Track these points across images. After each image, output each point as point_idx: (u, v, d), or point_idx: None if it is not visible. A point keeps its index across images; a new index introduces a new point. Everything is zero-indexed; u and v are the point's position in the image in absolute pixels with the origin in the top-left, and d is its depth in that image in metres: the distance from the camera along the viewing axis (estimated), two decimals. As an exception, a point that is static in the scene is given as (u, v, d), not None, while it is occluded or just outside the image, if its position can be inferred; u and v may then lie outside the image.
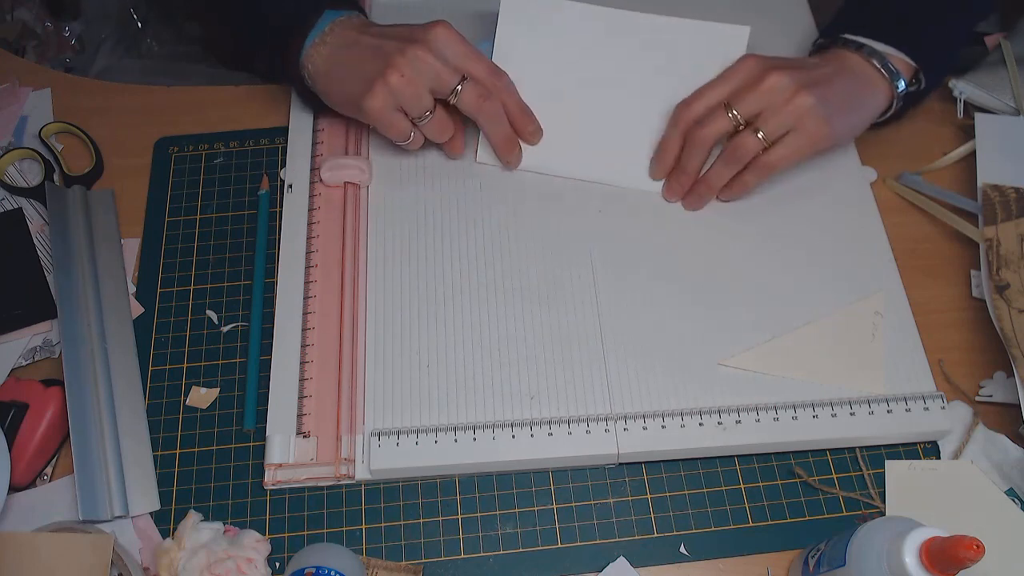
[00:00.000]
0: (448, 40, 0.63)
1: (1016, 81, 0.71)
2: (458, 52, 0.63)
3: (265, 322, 0.63)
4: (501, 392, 0.60)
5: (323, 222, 0.67)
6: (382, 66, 0.61)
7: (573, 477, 0.58)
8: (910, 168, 0.70)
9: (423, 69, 0.62)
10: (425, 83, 0.62)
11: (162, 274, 0.66)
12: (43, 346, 0.63)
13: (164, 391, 0.62)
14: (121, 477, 0.57)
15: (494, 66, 0.65)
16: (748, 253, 0.66)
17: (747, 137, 0.62)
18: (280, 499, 0.58)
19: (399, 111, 0.63)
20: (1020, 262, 0.63)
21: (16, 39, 0.87)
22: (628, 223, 0.67)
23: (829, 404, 0.59)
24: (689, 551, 0.56)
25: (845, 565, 0.46)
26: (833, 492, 0.58)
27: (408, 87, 0.62)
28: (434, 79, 0.62)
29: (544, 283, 0.64)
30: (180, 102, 0.75)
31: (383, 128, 0.64)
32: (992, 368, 0.62)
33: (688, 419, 0.58)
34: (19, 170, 0.72)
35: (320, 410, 0.60)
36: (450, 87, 0.62)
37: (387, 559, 0.56)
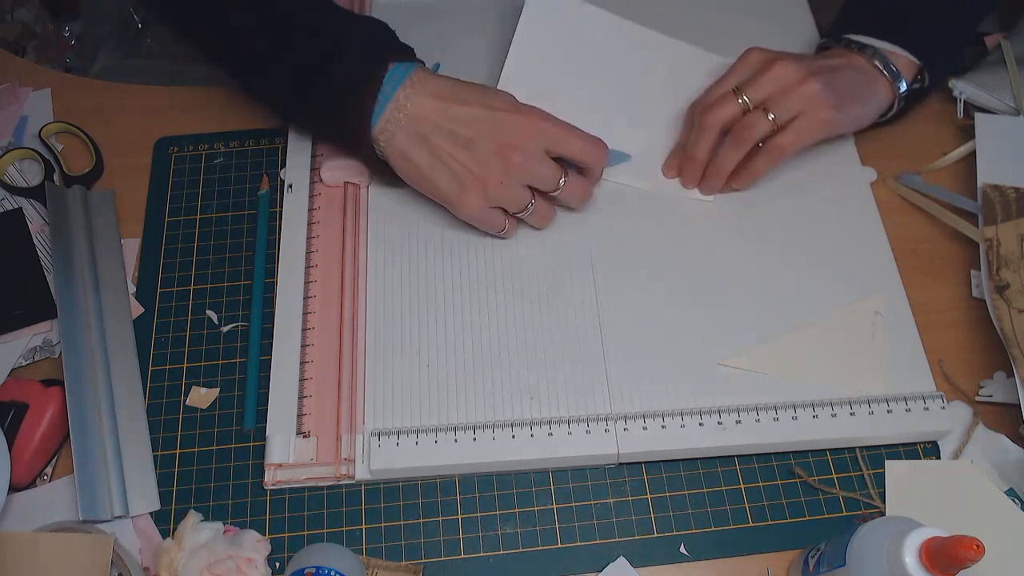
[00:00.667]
0: (544, 132, 0.59)
1: (1016, 81, 0.71)
2: (555, 140, 0.60)
3: (265, 322, 0.63)
4: (501, 392, 0.60)
5: (323, 222, 0.67)
6: (479, 170, 0.59)
7: (573, 477, 0.58)
8: (910, 168, 0.70)
9: (523, 175, 0.60)
10: (525, 183, 0.61)
11: (162, 274, 0.66)
12: (43, 346, 0.63)
13: (164, 391, 0.62)
14: (121, 477, 0.57)
15: (591, 140, 0.61)
16: (748, 253, 0.66)
17: (756, 117, 0.63)
18: (280, 499, 0.58)
19: (496, 210, 0.62)
20: (1020, 262, 0.63)
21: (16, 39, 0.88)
22: (628, 223, 0.67)
23: (829, 404, 0.59)
24: (689, 551, 0.56)
25: (845, 565, 0.46)
26: (833, 492, 0.58)
27: (507, 192, 0.60)
28: (535, 181, 0.61)
29: (544, 283, 0.64)
30: (180, 102, 0.75)
31: (480, 226, 0.63)
32: (992, 368, 0.62)
33: (688, 419, 0.58)
34: (19, 170, 0.72)
35: (320, 410, 0.60)
36: (555, 186, 0.61)
37: (387, 559, 0.56)
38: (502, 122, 0.59)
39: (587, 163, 0.62)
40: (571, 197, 0.63)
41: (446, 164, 0.60)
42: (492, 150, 0.59)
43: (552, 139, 0.60)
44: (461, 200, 0.61)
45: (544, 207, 0.64)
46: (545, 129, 0.60)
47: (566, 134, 0.61)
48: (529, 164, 0.60)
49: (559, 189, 0.62)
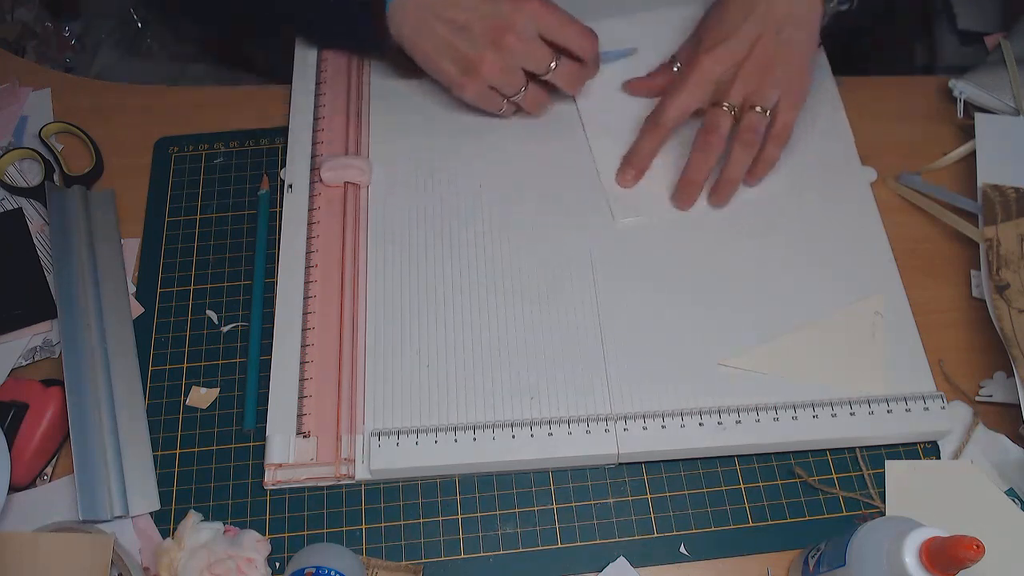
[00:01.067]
0: (538, 16, 0.62)
1: (1016, 81, 0.71)
2: (549, 25, 0.63)
3: (265, 322, 0.63)
4: (501, 392, 0.60)
5: (323, 222, 0.67)
6: (474, 55, 0.62)
7: (573, 477, 0.58)
8: (910, 168, 0.70)
9: (515, 56, 0.63)
10: (518, 66, 0.64)
11: (162, 274, 0.66)
12: (43, 346, 0.63)
13: (164, 391, 0.62)
14: (121, 477, 0.57)
15: (585, 31, 0.64)
16: (748, 253, 0.66)
17: (755, 116, 0.64)
18: (280, 499, 0.58)
19: (493, 92, 0.65)
20: (1020, 262, 0.63)
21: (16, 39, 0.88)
22: (628, 223, 0.67)
23: (829, 404, 0.59)
24: (689, 551, 0.56)
25: (845, 565, 0.46)
26: (833, 492, 0.58)
27: (501, 74, 0.64)
28: (527, 61, 0.64)
29: (544, 283, 0.64)
30: (180, 102, 0.75)
31: (479, 106, 0.67)
32: (992, 368, 0.62)
33: (688, 419, 0.58)
34: (19, 170, 0.72)
35: (320, 410, 0.60)
36: (546, 68, 0.64)
37: (387, 559, 0.56)
38: (498, 5, 0.62)
39: (577, 51, 0.64)
40: (563, 80, 0.66)
41: (445, 50, 0.63)
42: (486, 33, 0.62)
43: (545, 23, 0.62)
44: (460, 85, 0.65)
45: (536, 91, 0.66)
46: (539, 13, 0.62)
47: (559, 20, 0.63)
48: (522, 45, 0.62)
49: (550, 72, 0.64)
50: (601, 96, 0.73)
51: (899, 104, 0.74)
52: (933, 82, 0.76)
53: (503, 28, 0.62)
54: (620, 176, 0.68)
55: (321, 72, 0.74)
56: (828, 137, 0.71)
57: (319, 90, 0.73)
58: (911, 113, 0.74)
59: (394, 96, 0.73)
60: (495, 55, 0.62)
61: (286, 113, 0.73)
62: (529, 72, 0.65)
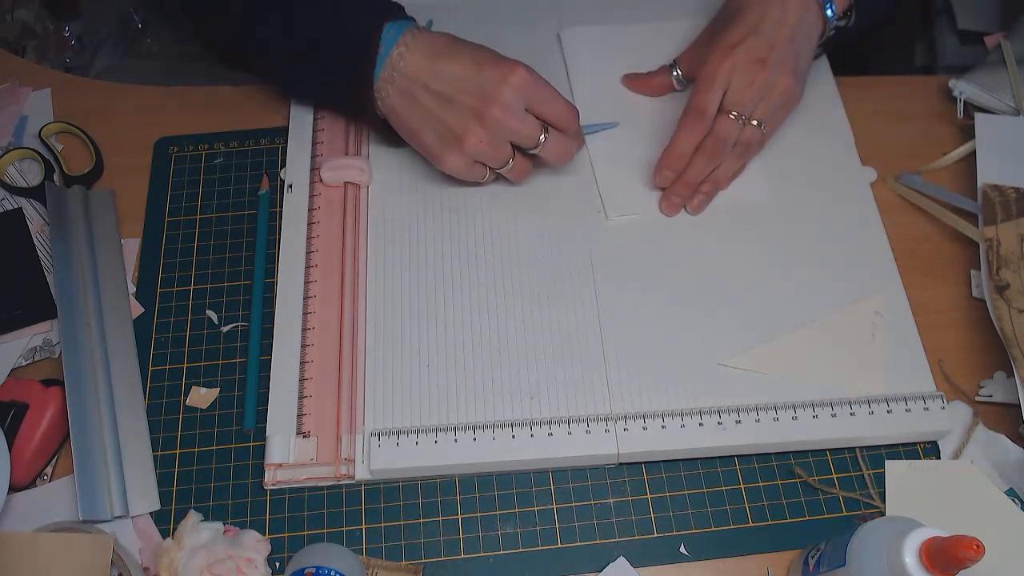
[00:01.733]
0: (526, 87, 0.60)
1: (1016, 81, 0.71)
2: (534, 97, 0.61)
3: (265, 322, 0.63)
4: (501, 392, 0.60)
5: (323, 222, 0.67)
6: (459, 128, 0.61)
7: (573, 477, 0.58)
8: (910, 168, 0.70)
9: (502, 131, 0.61)
10: (505, 139, 0.62)
11: (162, 274, 0.66)
12: (43, 346, 0.63)
13: (164, 391, 0.62)
14: (121, 477, 0.57)
15: (568, 106, 0.62)
16: (748, 253, 0.66)
17: (754, 131, 0.65)
18: (280, 499, 0.58)
19: (477, 164, 0.64)
20: (1020, 262, 0.63)
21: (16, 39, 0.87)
22: (628, 223, 0.67)
23: (829, 404, 0.59)
24: (689, 551, 0.56)
25: (845, 565, 0.46)
26: (833, 492, 0.58)
27: (488, 149, 0.62)
28: (515, 136, 0.62)
29: (544, 283, 0.64)
30: (180, 102, 0.75)
31: (461, 178, 0.65)
32: (992, 368, 0.62)
33: (688, 419, 0.58)
34: (19, 170, 0.72)
35: (320, 410, 0.60)
36: (535, 142, 0.62)
37: (387, 559, 0.56)
38: (483, 77, 0.60)
39: (560, 126, 0.63)
40: (553, 154, 0.64)
41: (430, 122, 0.62)
42: (471, 106, 0.60)
43: (531, 96, 0.61)
44: (443, 157, 0.63)
45: (522, 163, 0.65)
46: (525, 85, 0.60)
47: (545, 94, 0.61)
48: (507, 119, 0.60)
49: (539, 146, 0.63)
50: (597, 93, 0.73)
51: (899, 104, 0.74)
52: (933, 82, 0.76)
53: (488, 101, 0.60)
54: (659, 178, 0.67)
55: (321, 72, 0.74)
56: (828, 137, 0.71)
57: (319, 90, 0.73)
58: (911, 113, 0.74)
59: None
60: (480, 128, 0.61)
61: (286, 113, 0.73)
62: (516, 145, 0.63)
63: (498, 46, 0.75)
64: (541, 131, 0.62)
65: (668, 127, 0.67)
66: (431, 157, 0.64)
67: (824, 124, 0.72)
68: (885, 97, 0.75)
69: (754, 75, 0.63)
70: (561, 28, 0.77)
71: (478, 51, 0.62)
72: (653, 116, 0.72)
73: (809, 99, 0.70)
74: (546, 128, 0.62)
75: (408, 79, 0.61)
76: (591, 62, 0.75)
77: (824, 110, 0.72)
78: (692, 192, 0.67)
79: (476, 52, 0.62)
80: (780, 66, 0.64)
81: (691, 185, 0.66)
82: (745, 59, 0.63)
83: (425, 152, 0.64)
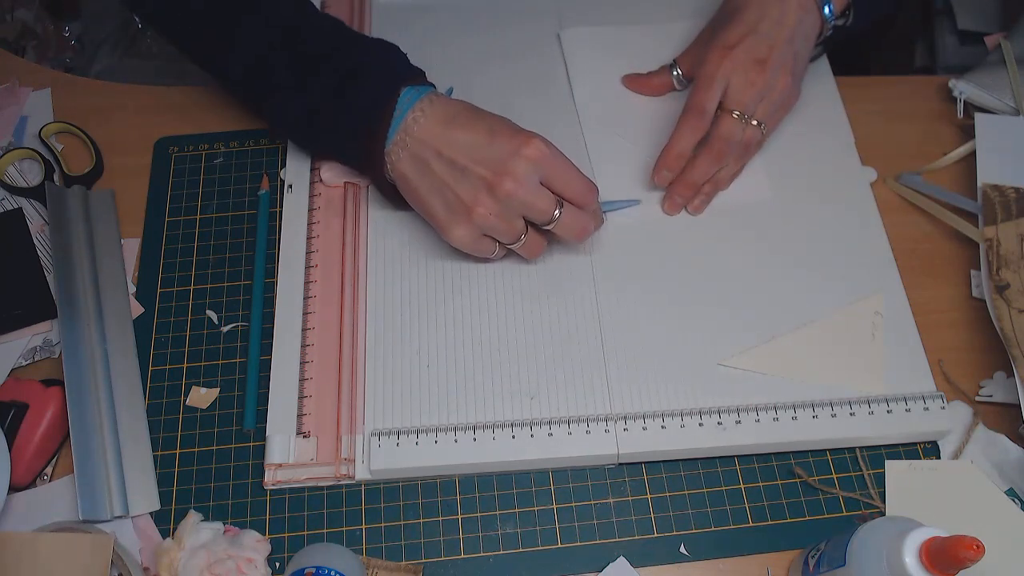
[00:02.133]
0: (539, 163, 0.57)
1: (1016, 81, 0.71)
2: (549, 171, 0.58)
3: (265, 322, 0.63)
4: (501, 392, 0.60)
5: (323, 222, 0.67)
6: (469, 199, 0.58)
7: (573, 477, 0.58)
8: (910, 168, 0.70)
9: (514, 205, 0.58)
10: (517, 214, 0.59)
11: (162, 274, 0.66)
12: (43, 346, 0.63)
13: (164, 391, 0.62)
14: (121, 477, 0.57)
15: (585, 181, 0.60)
16: (748, 253, 0.66)
17: (754, 131, 0.65)
18: (280, 499, 0.58)
19: (486, 238, 0.61)
20: (1020, 262, 0.63)
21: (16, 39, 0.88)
22: (628, 223, 0.67)
23: (829, 404, 0.59)
24: (689, 551, 0.56)
25: (845, 565, 0.46)
26: (833, 492, 0.58)
27: (499, 222, 0.59)
28: (528, 210, 0.59)
29: (544, 283, 0.64)
30: (180, 102, 0.75)
31: (468, 251, 0.62)
32: (992, 368, 0.62)
33: (688, 419, 0.58)
34: (19, 170, 0.72)
35: (320, 410, 0.60)
36: (549, 217, 0.59)
37: (387, 559, 0.56)
38: (497, 148, 0.58)
39: (577, 202, 0.60)
40: (568, 231, 0.60)
41: (440, 191, 0.59)
42: (483, 177, 0.57)
43: (547, 170, 0.58)
44: (450, 228, 0.60)
45: (535, 239, 0.62)
46: (541, 158, 0.57)
47: (561, 168, 0.58)
48: (520, 192, 0.57)
49: (554, 222, 0.59)
50: (597, 93, 0.73)
51: (899, 104, 0.75)
52: (933, 82, 0.76)
53: (501, 173, 0.57)
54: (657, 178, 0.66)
55: (321, 72, 0.74)
56: (828, 137, 0.71)
57: (319, 90, 0.73)
58: (911, 113, 0.74)
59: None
60: (491, 201, 0.58)
61: (286, 113, 0.73)
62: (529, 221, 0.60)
63: (498, 46, 0.75)
64: (556, 206, 0.58)
65: (668, 127, 0.67)
66: (438, 227, 0.61)
67: (824, 124, 0.72)
68: (885, 97, 0.75)
69: (754, 75, 0.63)
70: (561, 28, 0.77)
71: (495, 121, 0.60)
72: (653, 116, 0.72)
73: (809, 99, 0.70)
74: (561, 203, 0.59)
75: (420, 144, 0.59)
76: (591, 62, 0.75)
77: (824, 110, 0.72)
78: (694, 192, 0.67)
79: (493, 121, 0.59)
80: (779, 67, 0.64)
81: (694, 186, 0.66)
82: (744, 59, 0.63)
83: (432, 221, 0.61)
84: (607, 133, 0.71)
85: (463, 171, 0.58)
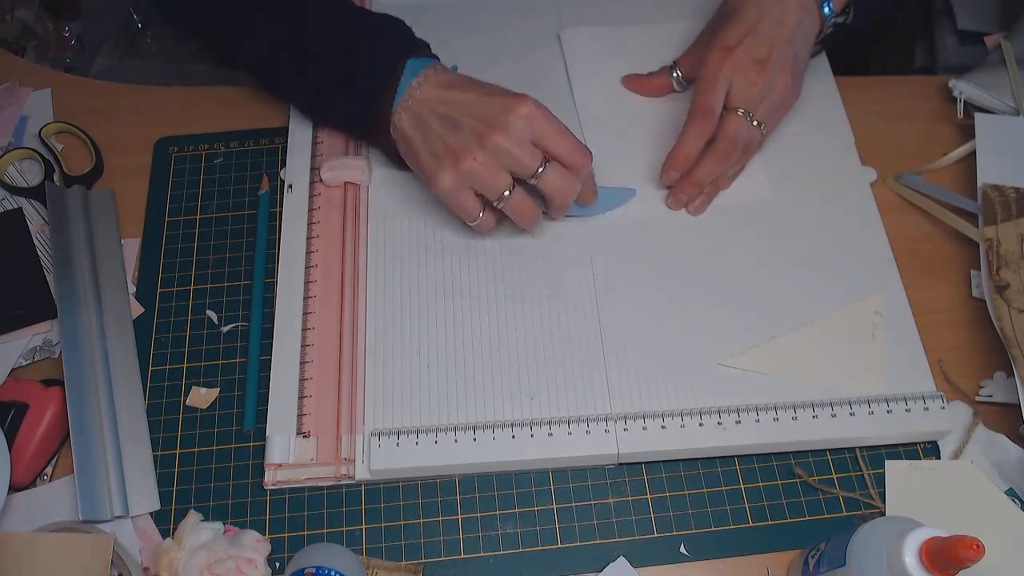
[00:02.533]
0: (532, 120, 0.59)
1: (1016, 81, 0.71)
2: (543, 131, 0.59)
3: (265, 322, 0.63)
4: (501, 392, 0.60)
5: (323, 222, 0.67)
6: (457, 147, 0.59)
7: (573, 477, 0.58)
8: (910, 168, 0.70)
9: (501, 156, 0.59)
10: (503, 167, 0.60)
11: (162, 274, 0.66)
12: (43, 346, 0.63)
13: (164, 391, 0.62)
14: (121, 477, 0.57)
15: (579, 144, 0.61)
16: (748, 253, 0.66)
17: (756, 131, 0.65)
18: (280, 499, 0.58)
19: (472, 192, 0.61)
20: (1020, 262, 0.63)
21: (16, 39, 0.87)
22: (628, 223, 0.67)
23: (829, 404, 0.59)
24: (689, 551, 0.56)
25: (845, 565, 0.46)
26: (833, 492, 0.58)
27: (484, 171, 0.59)
28: (513, 163, 0.59)
29: (544, 283, 0.64)
30: (180, 102, 0.75)
31: (451, 207, 0.62)
32: (992, 368, 0.62)
33: (688, 419, 0.58)
34: (19, 170, 0.72)
35: (320, 410, 0.60)
36: (532, 171, 0.60)
37: (387, 559, 0.56)
38: (491, 104, 0.60)
39: (569, 164, 0.60)
40: (552, 187, 0.61)
41: (432, 142, 0.61)
42: (474, 129, 0.59)
43: (539, 130, 0.59)
44: (436, 176, 0.61)
45: (522, 198, 0.61)
46: (534, 118, 0.59)
47: (554, 128, 0.59)
48: (508, 145, 0.58)
49: (537, 177, 0.60)
50: (597, 94, 0.73)
51: (899, 104, 0.75)
52: (933, 82, 0.76)
53: (493, 126, 0.58)
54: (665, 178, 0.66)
55: (321, 72, 0.74)
56: (828, 137, 0.71)
57: (319, 90, 0.73)
58: (911, 113, 0.74)
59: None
60: (479, 151, 0.59)
61: (286, 113, 0.73)
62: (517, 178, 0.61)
63: (498, 46, 0.76)
64: (541, 162, 0.59)
65: (668, 127, 0.67)
66: (425, 177, 0.62)
67: (824, 124, 0.72)
68: (885, 97, 0.75)
69: (755, 75, 0.63)
70: (561, 28, 0.77)
71: (492, 85, 0.62)
72: (653, 117, 0.72)
73: (809, 99, 0.70)
74: (547, 161, 0.60)
75: (420, 104, 0.61)
76: (591, 62, 0.75)
77: (824, 110, 0.72)
78: (699, 192, 0.67)
79: (490, 85, 0.62)
80: (780, 67, 0.64)
81: (700, 185, 0.66)
82: (745, 60, 0.63)
83: (420, 171, 0.62)
84: (607, 133, 0.71)
85: (456, 124, 0.60)
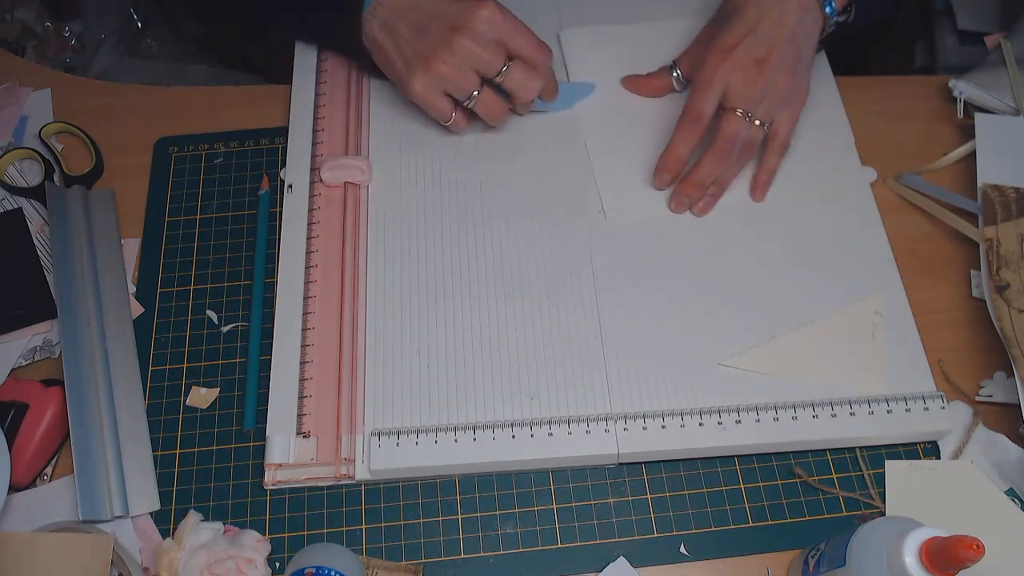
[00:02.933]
0: (493, 21, 0.63)
1: (1016, 81, 0.71)
2: (504, 30, 0.63)
3: (265, 322, 0.63)
4: (501, 392, 0.60)
5: (323, 222, 0.67)
6: (426, 52, 0.63)
7: (573, 477, 0.58)
8: (910, 168, 0.70)
9: (468, 58, 0.63)
10: (470, 67, 0.64)
11: (162, 274, 0.66)
12: (43, 346, 0.63)
13: (164, 391, 0.62)
14: (121, 477, 0.57)
15: (539, 42, 0.65)
16: (748, 253, 0.66)
17: (756, 131, 0.64)
18: (280, 499, 0.58)
19: (443, 94, 0.65)
20: (1020, 262, 0.63)
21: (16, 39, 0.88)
22: (628, 223, 0.67)
23: (829, 404, 0.59)
24: (689, 551, 0.56)
25: (845, 565, 0.46)
26: (833, 492, 0.58)
27: (453, 73, 0.63)
28: (479, 63, 0.63)
29: (544, 283, 0.64)
30: (180, 102, 0.75)
31: (426, 109, 0.67)
32: (992, 368, 0.62)
33: (688, 419, 0.58)
34: (19, 170, 0.72)
35: (320, 410, 0.60)
36: (496, 70, 0.64)
37: (387, 559, 0.56)
38: (455, 8, 0.63)
39: (529, 59, 0.65)
40: (516, 83, 0.65)
41: (402, 48, 0.65)
42: (441, 33, 0.63)
43: (499, 29, 0.63)
44: (409, 81, 0.64)
45: (490, 96, 0.66)
46: (494, 18, 0.62)
47: (513, 26, 0.63)
48: (473, 46, 0.62)
49: (502, 75, 0.64)
50: (597, 95, 0.73)
51: (899, 104, 0.75)
52: (933, 82, 0.76)
53: (458, 28, 0.62)
54: (658, 181, 0.67)
55: (321, 72, 0.74)
56: (828, 137, 0.71)
57: (319, 90, 0.73)
58: (911, 113, 0.74)
59: (394, 96, 0.73)
60: (447, 54, 0.63)
61: (286, 113, 0.73)
62: (484, 78, 0.65)
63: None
64: (504, 60, 0.64)
65: (668, 128, 0.67)
66: (399, 83, 0.66)
67: (824, 124, 0.72)
68: (885, 97, 0.75)
69: (754, 75, 0.63)
70: (561, 28, 0.77)
71: None
72: (653, 117, 0.72)
73: (809, 99, 0.70)
74: (510, 60, 0.64)
75: (389, 11, 0.65)
76: (591, 62, 0.75)
77: (824, 110, 0.72)
78: (702, 193, 0.67)
79: None
80: (780, 66, 0.64)
81: (701, 186, 0.66)
82: (744, 60, 0.63)
83: (395, 79, 0.67)
84: (607, 133, 0.71)
85: (424, 29, 0.64)
